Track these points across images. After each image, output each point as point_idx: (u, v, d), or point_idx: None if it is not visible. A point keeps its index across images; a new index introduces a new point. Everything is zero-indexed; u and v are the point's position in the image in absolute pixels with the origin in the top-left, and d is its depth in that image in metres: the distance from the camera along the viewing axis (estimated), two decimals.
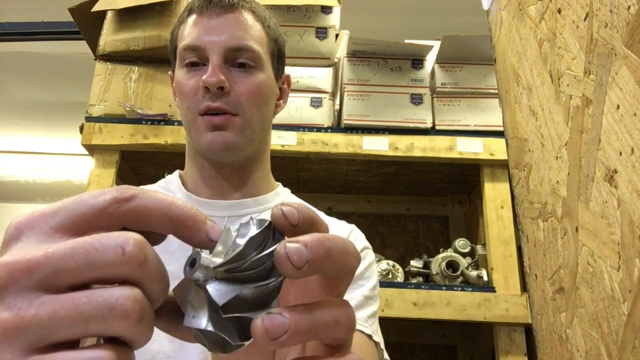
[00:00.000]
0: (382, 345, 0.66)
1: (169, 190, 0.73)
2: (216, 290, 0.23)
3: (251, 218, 0.25)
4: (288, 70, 1.45)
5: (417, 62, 1.45)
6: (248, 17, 0.69)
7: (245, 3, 0.70)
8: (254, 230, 0.24)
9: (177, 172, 0.76)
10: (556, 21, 0.53)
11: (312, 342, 0.28)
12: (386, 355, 0.67)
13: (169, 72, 0.77)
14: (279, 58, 0.74)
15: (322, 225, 0.25)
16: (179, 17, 0.73)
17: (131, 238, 0.21)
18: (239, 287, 0.23)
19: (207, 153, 0.68)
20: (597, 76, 0.44)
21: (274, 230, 0.24)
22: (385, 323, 1.72)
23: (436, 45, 1.46)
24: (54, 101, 4.13)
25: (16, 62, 3.54)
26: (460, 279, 1.30)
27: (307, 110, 1.41)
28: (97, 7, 1.44)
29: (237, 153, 0.68)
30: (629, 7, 0.38)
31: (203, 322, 0.23)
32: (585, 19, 0.46)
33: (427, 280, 1.34)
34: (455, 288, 1.26)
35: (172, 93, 0.75)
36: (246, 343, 0.23)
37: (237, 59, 0.67)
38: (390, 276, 1.34)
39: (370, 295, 0.66)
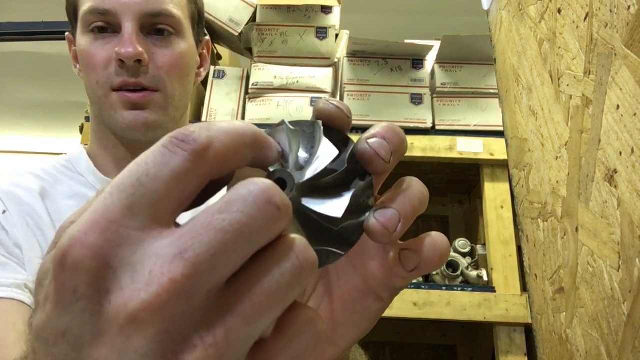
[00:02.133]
0: None
1: (77, 172, 0.63)
2: (320, 205, 0.21)
3: (284, 122, 0.22)
4: (288, 70, 1.46)
5: (417, 62, 1.45)
6: None
7: None
8: (317, 136, 0.22)
9: (82, 149, 0.66)
10: (556, 21, 0.53)
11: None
12: None
13: (67, 34, 0.66)
14: (199, 21, 0.66)
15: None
16: None
17: (264, 185, 0.17)
18: (336, 195, 0.22)
19: (124, 133, 0.60)
20: (597, 76, 0.44)
21: (324, 130, 0.23)
22: (385, 323, 1.72)
23: (436, 45, 1.46)
24: (54, 101, 4.13)
25: (16, 62, 3.54)
26: (460, 279, 1.30)
27: (307, 111, 1.41)
28: None
29: (158, 133, 0.59)
30: (629, 7, 0.38)
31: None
32: (585, 19, 0.46)
33: (427, 280, 1.34)
34: (455, 288, 1.25)
35: (72, 58, 0.66)
36: (350, 250, 0.22)
37: (155, 25, 0.59)
38: None
39: None
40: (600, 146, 0.44)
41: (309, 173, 0.21)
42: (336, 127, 0.23)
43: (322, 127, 0.22)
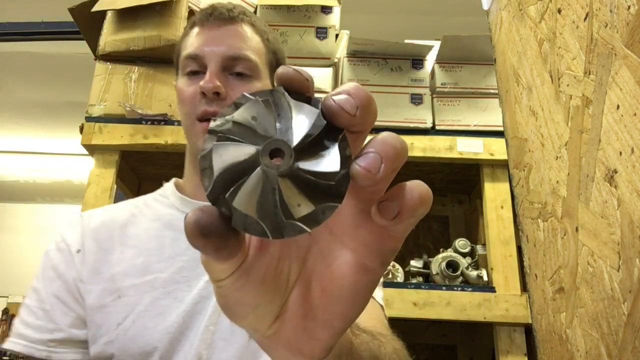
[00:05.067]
0: (382, 302, 0.71)
1: (164, 195, 0.75)
2: (316, 165, 0.22)
3: (245, 95, 0.23)
4: None
5: (417, 62, 1.45)
6: (247, 30, 0.73)
7: (244, 17, 0.74)
8: (283, 102, 0.23)
9: (173, 180, 0.79)
10: (556, 21, 0.53)
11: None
12: (385, 311, 0.72)
13: (174, 82, 0.79)
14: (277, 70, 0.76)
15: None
16: (184, 30, 0.77)
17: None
18: (320, 152, 0.23)
19: None
20: (597, 76, 0.44)
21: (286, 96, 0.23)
22: None
23: (436, 45, 1.46)
24: (54, 101, 4.13)
25: (16, 62, 3.54)
26: (460, 279, 1.30)
27: None
28: (97, 7, 1.44)
29: None
30: (629, 7, 0.38)
31: (309, 205, 0.22)
32: (585, 19, 0.46)
33: (427, 280, 1.34)
34: (455, 288, 1.26)
35: (177, 102, 0.78)
36: (342, 202, 0.23)
37: (235, 67, 0.70)
38: (390, 276, 1.34)
39: None
40: (600, 146, 0.44)
41: (296, 136, 0.22)
42: (296, 91, 0.24)
43: (285, 93, 0.23)
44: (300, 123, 0.22)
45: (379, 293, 0.72)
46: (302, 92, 0.24)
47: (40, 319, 0.64)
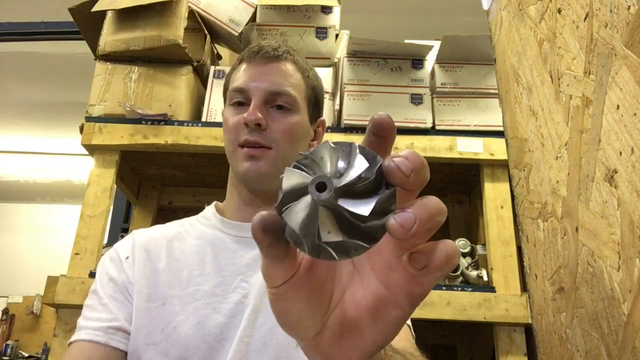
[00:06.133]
0: (409, 322, 0.77)
1: (206, 217, 0.83)
2: (352, 205, 0.27)
3: (327, 142, 0.28)
4: None
5: (417, 62, 1.45)
6: (289, 67, 0.81)
7: (288, 55, 0.82)
8: (353, 153, 0.28)
9: (213, 203, 0.87)
10: (556, 21, 0.53)
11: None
12: (412, 331, 0.77)
13: (222, 111, 0.86)
14: (315, 104, 0.85)
15: None
16: (233, 64, 0.85)
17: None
18: (365, 199, 0.27)
19: (243, 179, 0.77)
20: (597, 76, 0.44)
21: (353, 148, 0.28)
22: None
23: (436, 45, 1.46)
24: (54, 101, 4.14)
25: (16, 62, 3.54)
26: (460, 279, 1.30)
27: None
28: (97, 7, 1.44)
29: (269, 182, 0.76)
30: (629, 7, 0.38)
31: (339, 235, 0.27)
32: (585, 19, 0.46)
33: None
34: (455, 288, 1.25)
35: (223, 129, 0.86)
36: (374, 245, 0.27)
37: (276, 101, 0.78)
38: None
39: None
40: (600, 146, 0.44)
41: (345, 179, 0.27)
42: (380, 135, 0.29)
43: (357, 146, 0.28)
44: (356, 170, 0.27)
45: None
46: (379, 144, 0.29)
47: (100, 312, 0.72)
